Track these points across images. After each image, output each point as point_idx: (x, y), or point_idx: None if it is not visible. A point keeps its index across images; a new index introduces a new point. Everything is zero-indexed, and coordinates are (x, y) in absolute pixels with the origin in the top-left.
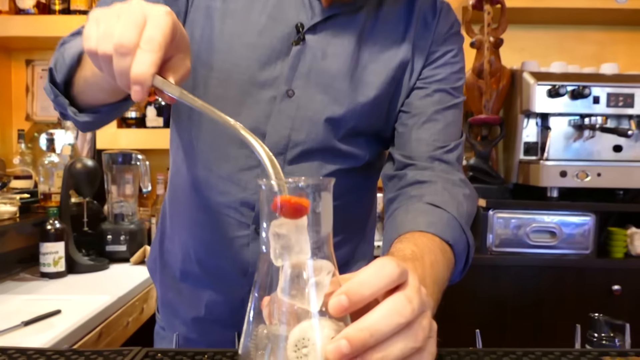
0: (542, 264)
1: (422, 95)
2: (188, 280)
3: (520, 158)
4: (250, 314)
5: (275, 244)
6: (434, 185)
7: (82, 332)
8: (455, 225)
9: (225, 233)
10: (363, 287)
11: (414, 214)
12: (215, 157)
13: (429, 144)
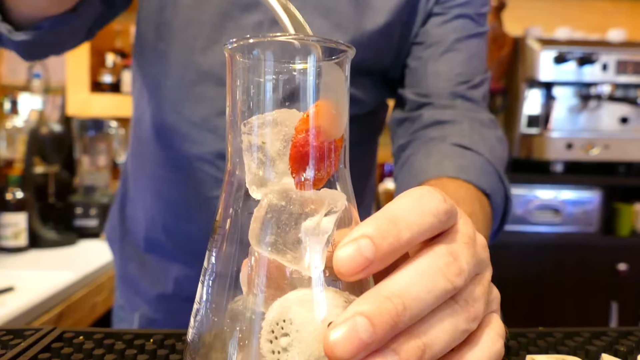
0: (545, 243)
1: (440, 22)
2: (154, 251)
3: (522, 131)
4: (207, 278)
5: (252, 158)
6: (460, 125)
7: (38, 312)
8: (490, 171)
9: (198, 193)
10: (398, 225)
11: (438, 157)
12: (186, 98)
13: (450, 78)
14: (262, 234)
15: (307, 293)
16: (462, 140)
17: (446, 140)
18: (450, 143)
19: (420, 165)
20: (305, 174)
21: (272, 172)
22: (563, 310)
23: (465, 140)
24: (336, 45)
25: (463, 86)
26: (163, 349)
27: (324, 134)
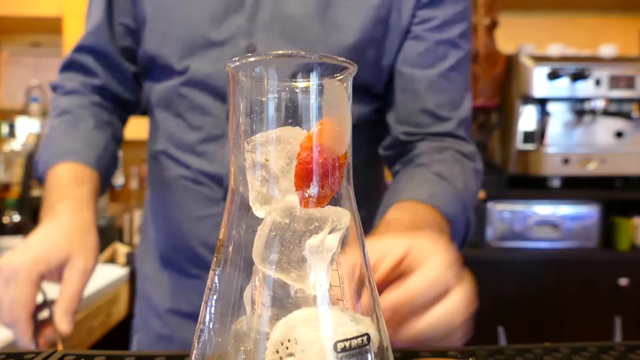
0: (545, 258)
1: (422, 50)
2: (168, 267)
3: (518, 147)
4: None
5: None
6: (444, 155)
7: None
8: (457, 202)
9: (193, 211)
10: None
11: (418, 182)
12: (176, 128)
13: (438, 115)
14: (266, 252)
15: (312, 312)
16: (443, 171)
17: (430, 167)
18: (432, 172)
19: (402, 186)
20: (310, 191)
21: (275, 190)
22: (566, 326)
23: (446, 171)
24: (338, 62)
25: (450, 123)
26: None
27: (328, 151)
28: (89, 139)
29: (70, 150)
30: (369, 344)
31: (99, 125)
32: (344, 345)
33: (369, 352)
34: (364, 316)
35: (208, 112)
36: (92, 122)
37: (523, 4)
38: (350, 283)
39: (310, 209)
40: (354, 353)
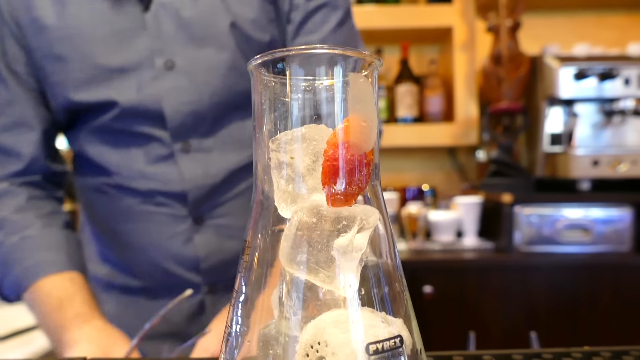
0: (576, 263)
1: (301, 19)
2: (141, 294)
3: (545, 149)
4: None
5: (281, 176)
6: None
7: None
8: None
9: (161, 233)
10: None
11: None
12: (119, 159)
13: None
14: (293, 253)
15: (342, 313)
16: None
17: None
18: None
19: None
20: (337, 189)
21: (302, 189)
22: (600, 332)
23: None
24: (363, 57)
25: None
26: None
27: (355, 148)
28: (49, 243)
29: (40, 263)
30: (402, 346)
31: (46, 223)
32: (376, 347)
33: (402, 354)
34: (395, 318)
35: (150, 136)
36: (39, 224)
37: (546, 5)
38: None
39: (338, 207)
40: (386, 356)
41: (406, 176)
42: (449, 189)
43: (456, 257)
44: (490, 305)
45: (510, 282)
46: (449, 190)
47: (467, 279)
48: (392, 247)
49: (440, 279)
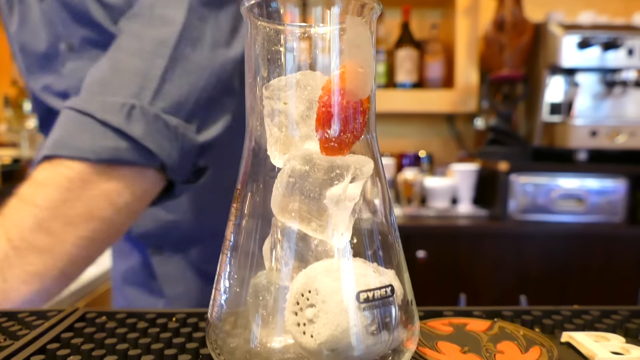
0: (568, 233)
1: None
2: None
3: (544, 119)
4: (229, 250)
5: (274, 123)
6: None
7: (62, 307)
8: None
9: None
10: None
11: None
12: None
13: None
14: (284, 201)
15: (333, 262)
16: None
17: None
18: None
19: None
20: (331, 136)
21: (295, 136)
22: (589, 300)
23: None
24: (362, 0)
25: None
26: (186, 327)
27: (351, 94)
28: None
29: None
30: (393, 295)
31: None
32: (367, 295)
33: (392, 304)
34: (387, 269)
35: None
36: None
37: None
38: (372, 236)
39: (332, 156)
40: (376, 304)
41: (403, 142)
42: (446, 156)
43: (450, 224)
44: (482, 271)
45: (503, 249)
46: (445, 157)
47: (460, 246)
48: (387, 201)
49: (433, 244)
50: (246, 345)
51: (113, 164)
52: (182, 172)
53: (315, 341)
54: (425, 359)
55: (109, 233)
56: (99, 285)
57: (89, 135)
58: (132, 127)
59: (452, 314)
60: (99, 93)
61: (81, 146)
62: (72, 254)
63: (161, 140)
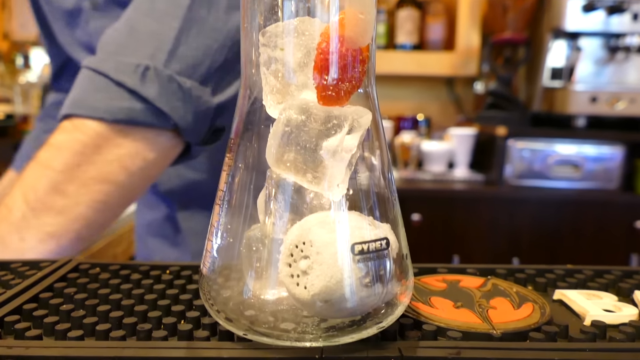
0: (563, 199)
1: None
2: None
3: (545, 84)
4: (223, 201)
5: (270, 71)
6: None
7: None
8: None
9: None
10: None
11: None
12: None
13: None
14: (279, 152)
15: (328, 215)
16: None
17: None
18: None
19: None
20: (329, 85)
21: (291, 85)
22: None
23: None
24: None
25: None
26: (180, 279)
27: (351, 41)
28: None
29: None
30: (388, 249)
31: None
32: (362, 247)
33: (387, 257)
34: (383, 223)
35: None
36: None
37: None
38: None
39: (329, 106)
40: (371, 257)
41: (401, 105)
42: (444, 120)
43: (446, 188)
44: (476, 235)
45: (497, 214)
46: (444, 121)
47: (455, 210)
48: (385, 155)
49: (429, 208)
50: (239, 297)
51: (128, 125)
52: (197, 134)
53: (308, 292)
54: (419, 313)
55: (123, 196)
56: (97, 241)
57: (105, 95)
58: (147, 88)
59: (446, 271)
60: (114, 53)
61: (98, 106)
62: (87, 216)
63: (175, 102)
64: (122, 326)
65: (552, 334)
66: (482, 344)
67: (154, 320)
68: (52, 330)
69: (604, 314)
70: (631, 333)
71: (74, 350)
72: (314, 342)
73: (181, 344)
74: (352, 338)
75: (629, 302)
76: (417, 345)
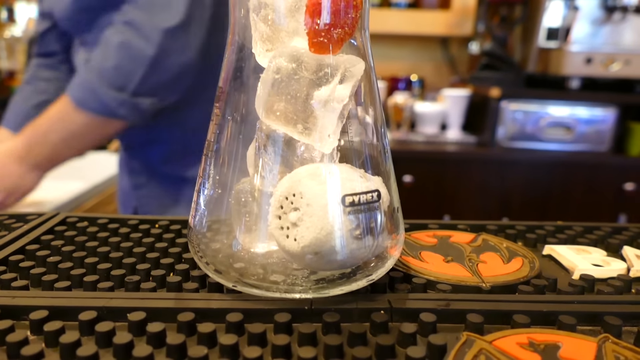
0: (553, 161)
1: None
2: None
3: (540, 44)
4: (211, 151)
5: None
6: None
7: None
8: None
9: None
10: None
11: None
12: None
13: None
14: (270, 102)
15: (319, 167)
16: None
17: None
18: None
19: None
20: (321, 30)
21: (281, 32)
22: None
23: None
24: None
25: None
26: (169, 233)
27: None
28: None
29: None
30: (379, 201)
31: (41, 104)
32: (352, 199)
33: (378, 209)
34: (374, 176)
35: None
36: (35, 101)
37: None
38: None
39: (321, 54)
40: (362, 209)
41: (395, 65)
42: (438, 81)
43: (438, 149)
44: (467, 196)
45: (488, 175)
46: (438, 82)
47: (447, 171)
48: (377, 109)
49: (420, 169)
50: (229, 249)
51: (104, 117)
52: (142, 123)
53: (298, 244)
54: (409, 267)
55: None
56: (88, 199)
57: (97, 103)
58: (119, 109)
59: (437, 227)
60: (98, 82)
61: (90, 106)
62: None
63: (135, 115)
64: (110, 278)
65: (541, 287)
66: (471, 296)
67: (143, 272)
68: (38, 281)
69: (593, 268)
70: (619, 286)
71: (61, 300)
72: (303, 293)
73: (170, 295)
74: (342, 290)
75: (617, 257)
76: (406, 297)
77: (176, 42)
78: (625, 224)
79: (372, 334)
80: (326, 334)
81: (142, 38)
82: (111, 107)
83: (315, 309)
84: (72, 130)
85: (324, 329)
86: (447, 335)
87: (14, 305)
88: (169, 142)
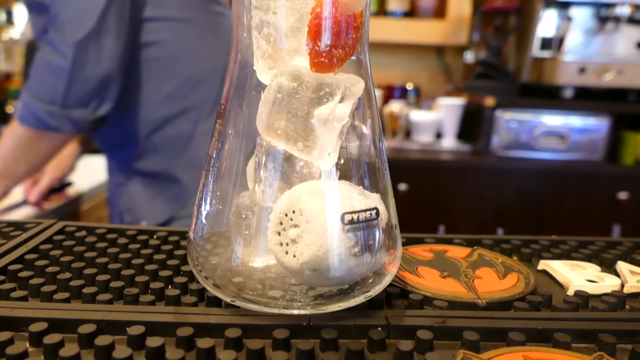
0: (547, 169)
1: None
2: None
3: (534, 54)
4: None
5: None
6: None
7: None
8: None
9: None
10: None
11: None
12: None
13: None
14: (270, 119)
15: (318, 184)
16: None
17: None
18: None
19: None
20: (322, 51)
21: (283, 50)
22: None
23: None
24: None
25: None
26: (167, 245)
27: (345, 7)
28: None
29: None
30: (377, 219)
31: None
32: (352, 217)
33: (376, 227)
34: (373, 193)
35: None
36: None
37: None
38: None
39: (321, 73)
40: (361, 226)
41: (391, 74)
42: (433, 89)
43: (433, 158)
44: (462, 204)
45: (482, 184)
46: (433, 90)
47: (441, 180)
48: (376, 125)
49: (415, 178)
50: (228, 264)
51: (41, 130)
52: (86, 132)
53: (297, 261)
54: (406, 282)
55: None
56: (84, 202)
57: (32, 118)
58: (51, 121)
59: (433, 241)
60: (30, 98)
61: (27, 121)
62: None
63: (70, 126)
64: (109, 290)
65: (536, 304)
66: (467, 313)
67: (141, 284)
68: (37, 292)
69: (587, 284)
70: (613, 303)
71: (60, 312)
72: (301, 309)
73: (169, 309)
74: (340, 306)
75: (611, 272)
76: (403, 313)
77: (88, 54)
78: (619, 239)
79: (370, 351)
80: (324, 351)
81: (58, 53)
82: (44, 121)
83: (313, 325)
84: (18, 143)
85: (322, 346)
86: (444, 352)
87: (13, 317)
88: (137, 141)
